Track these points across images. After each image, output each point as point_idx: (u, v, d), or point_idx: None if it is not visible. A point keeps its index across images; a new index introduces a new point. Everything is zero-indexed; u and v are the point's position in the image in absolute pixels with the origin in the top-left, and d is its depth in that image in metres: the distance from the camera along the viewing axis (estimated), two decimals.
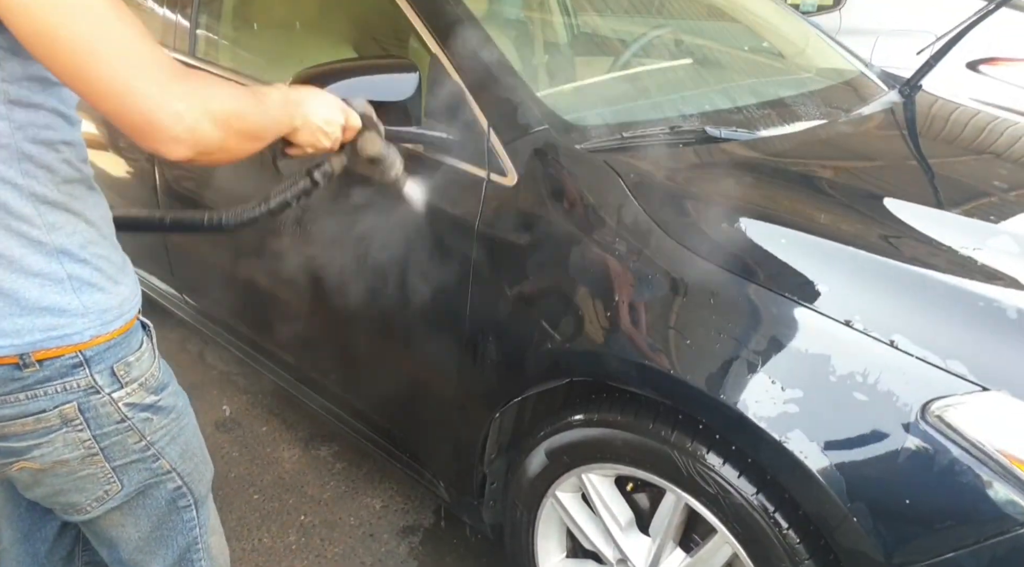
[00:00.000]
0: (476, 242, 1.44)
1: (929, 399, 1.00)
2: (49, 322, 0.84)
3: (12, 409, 0.87)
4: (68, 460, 0.92)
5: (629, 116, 1.64)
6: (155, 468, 1.00)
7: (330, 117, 1.08)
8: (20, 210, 0.81)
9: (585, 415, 1.35)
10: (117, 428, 0.93)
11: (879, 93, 2.09)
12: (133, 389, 0.93)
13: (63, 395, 0.88)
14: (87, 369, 0.88)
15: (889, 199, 1.37)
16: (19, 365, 0.84)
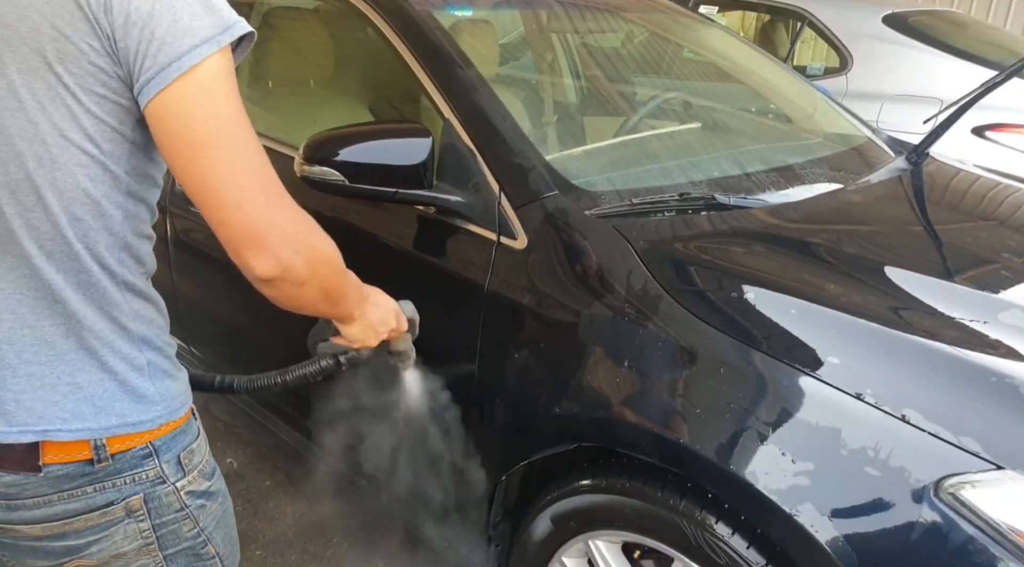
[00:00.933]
0: (485, 304, 1.45)
1: (943, 476, 1.00)
2: (127, 408, 0.85)
3: (79, 503, 0.85)
4: (126, 553, 0.90)
5: (638, 181, 1.67)
6: (203, 554, 0.98)
7: (386, 319, 1.13)
8: (113, 296, 0.84)
9: (593, 481, 1.34)
10: (175, 516, 0.92)
11: (887, 159, 2.12)
12: (193, 477, 0.93)
13: (131, 487, 0.87)
14: (156, 459, 0.88)
15: (899, 270, 1.38)
16: (92, 461, 0.84)
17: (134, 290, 0.87)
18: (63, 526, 0.86)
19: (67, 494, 0.84)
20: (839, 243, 1.52)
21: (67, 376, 0.83)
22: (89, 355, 0.84)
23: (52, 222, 0.79)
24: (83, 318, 0.83)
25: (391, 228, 1.65)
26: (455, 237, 1.53)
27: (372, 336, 1.12)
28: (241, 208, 0.79)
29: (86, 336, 0.83)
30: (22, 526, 0.86)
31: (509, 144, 1.53)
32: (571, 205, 1.45)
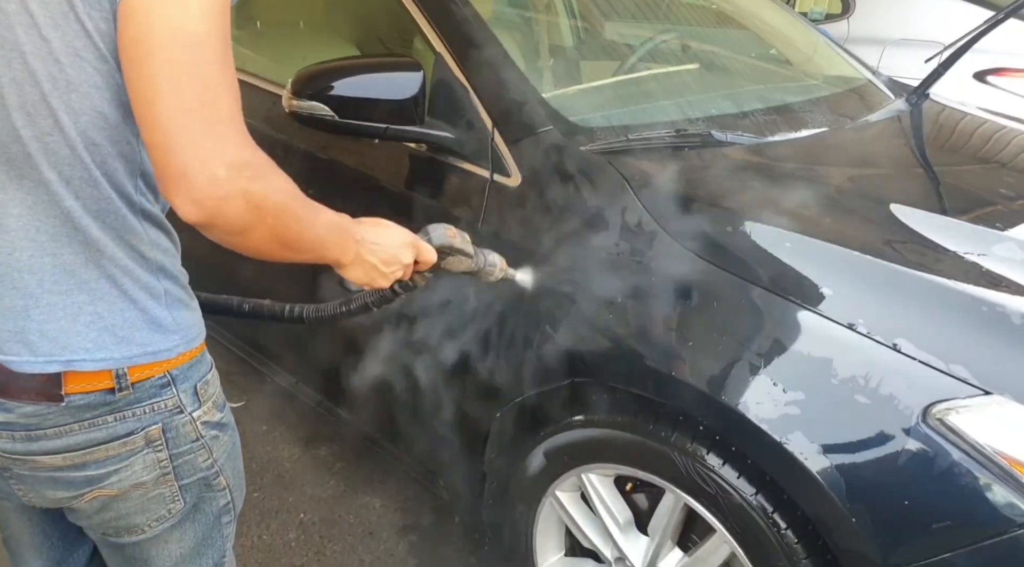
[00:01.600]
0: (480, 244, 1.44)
1: (931, 402, 1.00)
2: (146, 337, 0.84)
3: (100, 432, 0.85)
4: (144, 483, 0.90)
5: (634, 119, 1.64)
6: (215, 484, 0.98)
7: (392, 258, 1.02)
8: (131, 224, 0.82)
9: (586, 416, 1.35)
10: (192, 447, 0.92)
11: (886, 101, 2.09)
12: (208, 407, 0.93)
13: (150, 416, 0.87)
14: (174, 388, 0.88)
15: (894, 205, 1.37)
16: (114, 389, 0.83)
17: (151, 218, 0.85)
18: (84, 456, 0.86)
19: (88, 423, 0.84)
20: (835, 179, 1.51)
21: (88, 305, 0.81)
22: (110, 283, 0.82)
23: (70, 146, 0.76)
24: (102, 246, 0.81)
25: (381, 166, 1.63)
26: (447, 175, 1.51)
27: (379, 278, 1.01)
28: (171, 135, 0.71)
29: (106, 264, 0.81)
30: (43, 456, 0.85)
31: (503, 78, 1.50)
32: (566, 140, 1.44)
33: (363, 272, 1.00)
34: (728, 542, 1.20)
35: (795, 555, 1.12)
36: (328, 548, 1.89)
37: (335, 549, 1.88)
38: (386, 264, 1.01)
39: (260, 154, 0.76)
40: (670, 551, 1.32)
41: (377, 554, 1.88)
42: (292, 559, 1.85)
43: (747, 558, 1.18)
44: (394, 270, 1.03)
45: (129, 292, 0.83)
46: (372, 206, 1.64)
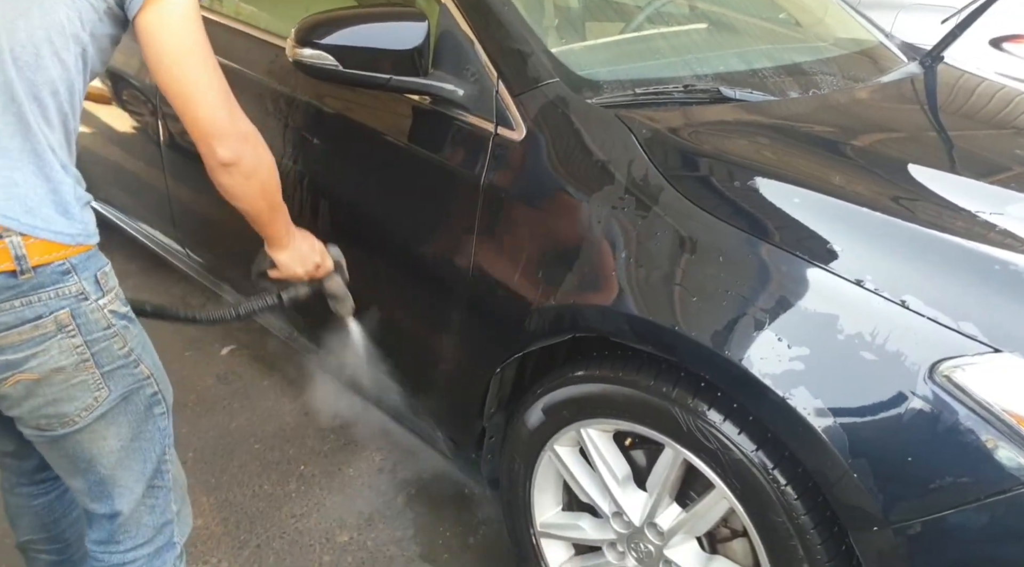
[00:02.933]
0: (482, 196, 1.43)
1: (938, 359, 0.99)
2: (53, 217, 0.94)
3: (9, 316, 0.92)
4: (64, 367, 0.98)
5: (642, 74, 1.61)
6: (136, 373, 1.07)
7: (311, 255, 1.36)
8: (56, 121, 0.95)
9: (586, 371, 1.35)
10: (104, 334, 1.01)
11: (898, 64, 2.05)
12: (111, 298, 1.02)
13: (56, 301, 0.95)
14: (75, 275, 0.96)
15: (903, 162, 1.35)
16: (15, 272, 0.91)
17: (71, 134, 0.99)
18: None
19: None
20: (845, 138, 1.48)
21: (5, 169, 0.90)
22: (30, 158, 0.92)
23: (28, 31, 0.90)
24: (32, 123, 0.92)
25: (384, 119, 1.61)
26: (450, 128, 1.49)
27: (299, 265, 1.34)
28: (211, 109, 1.04)
29: (31, 140, 0.92)
30: None
31: (508, 29, 1.47)
32: (572, 93, 1.41)
33: (291, 257, 1.33)
34: (727, 498, 1.20)
35: (794, 511, 1.12)
36: (328, 499, 1.90)
37: (335, 500, 1.90)
38: (307, 258, 1.35)
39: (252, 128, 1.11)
40: (668, 507, 1.32)
41: (376, 506, 1.89)
42: (292, 509, 1.87)
43: (746, 513, 1.18)
44: (311, 264, 1.36)
45: (45, 172, 0.93)
46: (374, 158, 1.63)
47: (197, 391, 2.26)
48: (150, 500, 1.15)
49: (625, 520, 1.37)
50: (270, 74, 1.79)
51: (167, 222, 2.36)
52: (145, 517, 1.15)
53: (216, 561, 1.72)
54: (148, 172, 2.28)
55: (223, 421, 2.16)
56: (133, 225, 2.57)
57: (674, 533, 1.31)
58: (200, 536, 1.77)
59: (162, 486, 1.16)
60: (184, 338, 2.43)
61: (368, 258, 1.68)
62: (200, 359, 2.41)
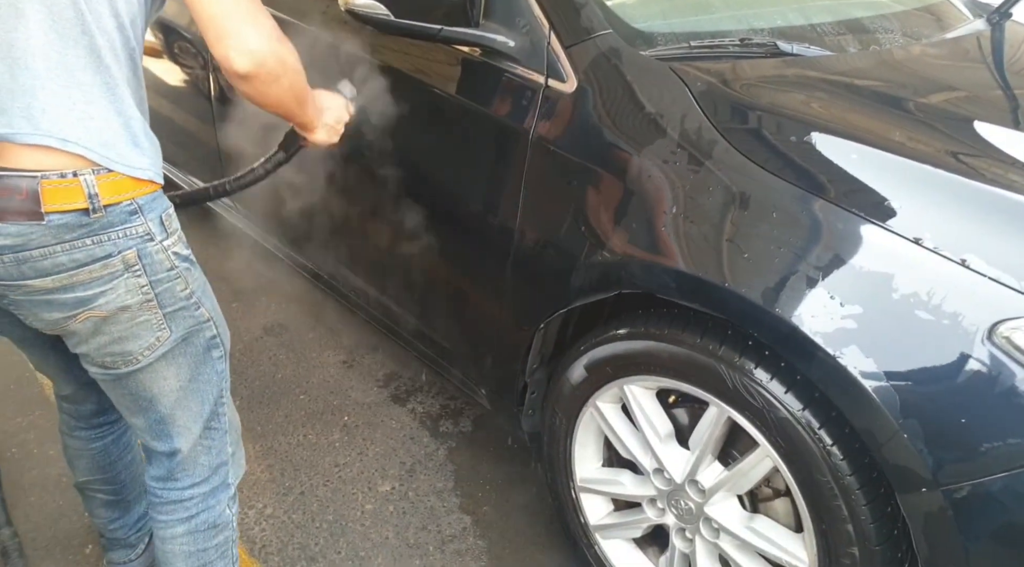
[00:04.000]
0: (530, 149, 1.42)
1: (998, 320, 0.97)
2: (124, 150, 0.96)
3: (81, 254, 0.95)
4: (129, 305, 1.01)
5: (697, 27, 1.57)
6: (197, 315, 1.09)
7: (340, 116, 1.30)
8: (126, 54, 0.97)
9: (631, 328, 1.34)
10: (168, 275, 1.04)
11: (964, 20, 1.97)
12: (175, 240, 1.05)
13: (124, 241, 0.98)
14: (142, 215, 0.99)
15: (967, 120, 1.30)
16: (88, 211, 0.93)
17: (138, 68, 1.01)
18: (71, 277, 0.96)
19: (69, 245, 0.94)
20: (906, 94, 1.43)
21: (82, 103, 0.93)
22: (102, 91, 0.94)
23: None
24: (103, 56, 0.94)
25: (434, 70, 1.60)
26: (500, 80, 1.47)
27: (335, 135, 1.28)
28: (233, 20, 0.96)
29: (103, 74, 0.94)
30: (34, 280, 0.95)
31: None
32: (625, 45, 1.38)
33: (325, 133, 1.27)
34: (771, 456, 1.19)
35: (839, 471, 1.11)
36: (370, 449, 1.94)
37: (377, 451, 1.94)
38: (339, 122, 1.29)
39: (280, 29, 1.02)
40: (710, 465, 1.32)
41: (417, 457, 1.93)
42: (336, 458, 1.91)
43: (790, 473, 1.17)
44: (342, 126, 1.30)
45: (117, 106, 0.96)
46: (424, 110, 1.63)
47: (244, 342, 2.31)
48: (207, 441, 1.19)
49: (666, 477, 1.37)
50: (321, 24, 1.79)
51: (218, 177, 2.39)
52: (202, 457, 1.20)
53: (262, 507, 1.78)
54: (199, 126, 2.31)
55: (269, 371, 2.21)
56: (183, 178, 2.61)
57: (716, 491, 1.31)
58: (246, 482, 1.83)
59: (218, 428, 1.20)
60: (231, 289, 2.48)
61: (415, 210, 1.69)
62: (247, 310, 2.46)
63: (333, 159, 1.84)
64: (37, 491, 1.77)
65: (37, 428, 1.94)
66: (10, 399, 2.03)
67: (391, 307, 1.94)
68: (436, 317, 1.80)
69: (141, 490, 1.47)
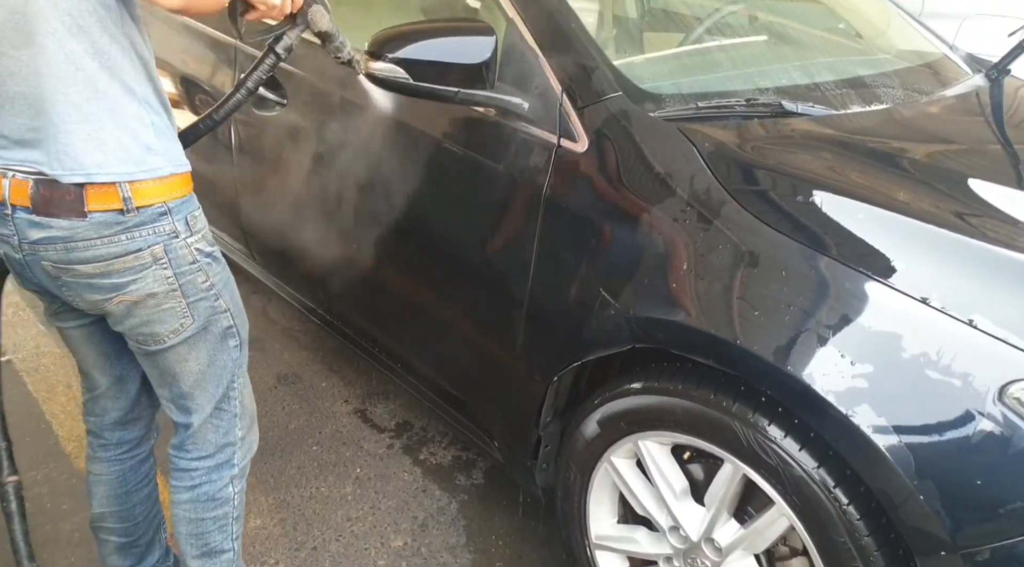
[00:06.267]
0: (543, 206, 1.45)
1: (1008, 381, 0.98)
2: (140, 157, 1.10)
3: (117, 247, 1.12)
4: (156, 293, 1.17)
5: (703, 88, 1.62)
6: (216, 306, 1.25)
7: None
8: (121, 60, 1.07)
9: (645, 383, 1.36)
10: (190, 268, 1.19)
11: (963, 76, 2.02)
12: (199, 237, 1.20)
13: (153, 237, 1.14)
14: (170, 217, 1.15)
15: (971, 178, 1.33)
16: (123, 210, 1.10)
17: (140, 56, 1.10)
18: (107, 266, 1.13)
19: (107, 240, 1.11)
20: (909, 153, 1.47)
21: (94, 133, 1.06)
22: (107, 115, 1.06)
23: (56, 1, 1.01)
24: (99, 83, 1.05)
25: (450, 129, 1.64)
26: (514, 139, 1.51)
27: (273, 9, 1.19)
28: None
29: (102, 99, 1.06)
30: (80, 265, 1.13)
31: (573, 44, 1.49)
32: (635, 107, 1.43)
33: None
34: (787, 515, 1.19)
35: (857, 532, 1.11)
36: (383, 503, 1.94)
37: (389, 504, 1.94)
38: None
39: None
40: (726, 522, 1.32)
41: (430, 511, 1.92)
42: (348, 512, 1.91)
43: (806, 532, 1.17)
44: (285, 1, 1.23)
45: (122, 122, 1.08)
46: (439, 166, 1.67)
47: (258, 391, 2.29)
48: (215, 420, 1.34)
49: (682, 535, 1.37)
50: (340, 84, 1.85)
51: (235, 225, 2.44)
52: (209, 434, 1.35)
53: (274, 562, 1.77)
54: (217, 174, 2.35)
55: (282, 421, 2.22)
56: None
57: (732, 549, 1.31)
58: (259, 536, 1.83)
59: (227, 410, 1.35)
60: None
61: (431, 263, 1.72)
62: (261, 359, 2.48)
63: (351, 207, 1.88)
64: (50, 546, 1.77)
65: (51, 481, 1.95)
66: (25, 451, 2.04)
67: (405, 356, 1.96)
68: (449, 368, 1.82)
69: (153, 536, 1.55)
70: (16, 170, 1.08)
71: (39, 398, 2.26)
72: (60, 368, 2.38)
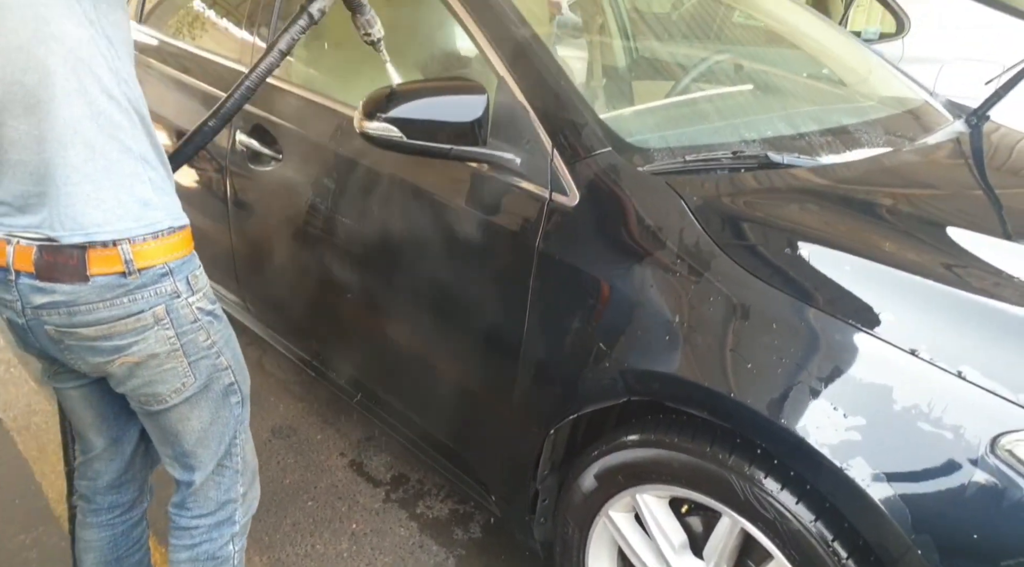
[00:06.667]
0: (536, 260, 1.47)
1: (1000, 433, 0.99)
2: (139, 213, 1.11)
3: (119, 310, 1.13)
4: (158, 354, 1.17)
5: (690, 140, 1.65)
6: (217, 364, 1.25)
7: None
8: (118, 119, 1.09)
9: (641, 435, 1.36)
10: (192, 327, 1.19)
11: (944, 122, 2.07)
12: (200, 296, 1.20)
13: (155, 298, 1.14)
14: (171, 277, 1.16)
15: (956, 228, 1.35)
16: (124, 273, 1.11)
17: (138, 112, 1.12)
18: (110, 328, 1.14)
19: (109, 303, 1.12)
20: (895, 202, 1.49)
21: (93, 193, 1.08)
22: (105, 175, 1.08)
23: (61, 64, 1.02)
24: (97, 145, 1.07)
25: (444, 183, 1.67)
26: (507, 193, 1.54)
27: None
28: None
29: (99, 160, 1.07)
30: (82, 329, 1.13)
31: (563, 101, 1.53)
32: (623, 162, 1.45)
33: None
34: None
35: None
36: (379, 560, 1.92)
37: (386, 561, 1.91)
38: None
39: None
40: None
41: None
42: None
43: None
44: None
45: (119, 180, 1.09)
46: (432, 220, 1.69)
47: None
48: (217, 477, 1.34)
49: None
50: (334, 139, 1.88)
51: (230, 277, 2.45)
52: (211, 491, 1.34)
53: None
54: (214, 226, 2.37)
55: (277, 476, 2.20)
56: None
57: None
58: None
59: (229, 467, 1.35)
60: None
61: (426, 315, 1.73)
62: (256, 411, 2.45)
63: (345, 261, 1.90)
64: None
65: (41, 545, 1.92)
66: (14, 514, 2.02)
67: (400, 408, 1.96)
68: (445, 421, 1.82)
69: None
70: (20, 236, 1.09)
71: (29, 458, 2.24)
72: (52, 427, 2.36)
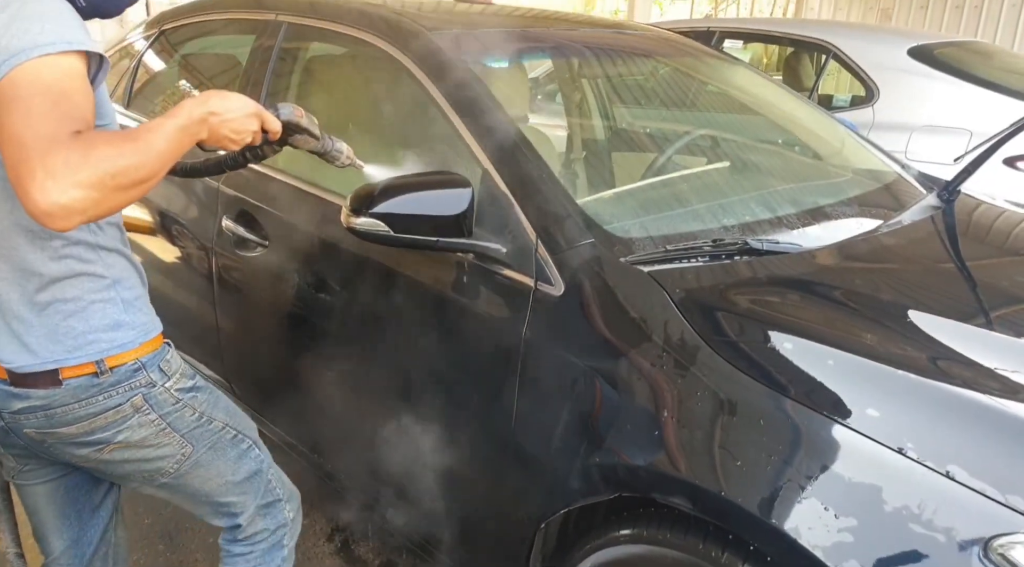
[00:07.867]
0: (523, 349, 1.47)
1: (992, 535, 0.99)
2: (111, 336, 1.16)
3: (95, 408, 1.16)
4: (146, 436, 1.21)
5: (671, 225, 1.67)
6: (212, 428, 1.29)
7: (238, 128, 1.16)
8: (88, 256, 1.14)
9: (632, 531, 1.35)
10: (175, 407, 1.24)
11: (918, 196, 2.12)
12: (176, 378, 1.24)
13: (131, 392, 1.18)
14: (144, 371, 1.20)
15: (938, 318, 1.38)
16: (97, 373, 1.15)
17: (105, 247, 1.16)
18: (90, 425, 1.17)
19: (84, 402, 1.15)
20: (875, 290, 1.52)
21: (62, 322, 1.13)
22: (74, 305, 1.13)
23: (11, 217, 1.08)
24: (62, 280, 1.12)
25: (431, 273, 1.68)
26: (493, 283, 1.55)
27: (230, 142, 1.16)
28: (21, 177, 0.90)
29: (68, 291, 1.12)
30: (61, 429, 1.16)
31: (546, 193, 1.56)
32: (606, 252, 1.47)
33: (217, 141, 1.15)
34: None
35: None
36: None
37: None
38: (236, 133, 1.16)
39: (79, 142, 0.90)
40: None
41: None
42: None
43: None
44: (243, 137, 1.18)
45: (92, 307, 1.14)
46: (419, 309, 1.70)
47: None
48: (265, 509, 1.41)
49: None
50: (319, 228, 1.89)
51: (214, 356, 2.43)
52: (260, 523, 1.41)
53: None
54: (200, 310, 2.36)
55: None
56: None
57: None
58: None
59: (273, 498, 1.42)
60: None
61: (411, 406, 1.72)
62: None
63: (332, 348, 1.89)
64: None
65: None
66: None
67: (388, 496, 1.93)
68: (433, 512, 1.79)
69: None
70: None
71: None
72: None
